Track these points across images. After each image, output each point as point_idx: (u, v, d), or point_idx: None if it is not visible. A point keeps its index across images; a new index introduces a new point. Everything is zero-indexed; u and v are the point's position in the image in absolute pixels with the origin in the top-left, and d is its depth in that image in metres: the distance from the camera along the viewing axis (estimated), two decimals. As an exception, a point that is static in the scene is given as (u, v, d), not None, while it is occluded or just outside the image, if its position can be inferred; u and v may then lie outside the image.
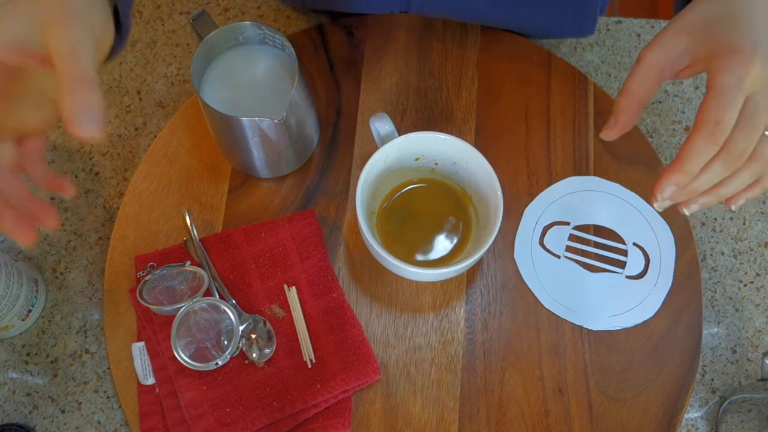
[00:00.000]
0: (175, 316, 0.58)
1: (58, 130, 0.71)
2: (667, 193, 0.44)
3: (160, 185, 0.66)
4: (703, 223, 0.67)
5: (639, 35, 0.74)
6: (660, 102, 0.71)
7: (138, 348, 0.60)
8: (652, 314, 0.62)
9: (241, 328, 0.59)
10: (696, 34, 0.44)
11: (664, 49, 0.45)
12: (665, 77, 0.45)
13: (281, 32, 0.58)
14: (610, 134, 0.47)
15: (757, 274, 0.65)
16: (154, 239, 0.64)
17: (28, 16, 0.37)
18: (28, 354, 0.63)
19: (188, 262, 0.62)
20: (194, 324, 0.58)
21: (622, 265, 0.64)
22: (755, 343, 0.64)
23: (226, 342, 0.58)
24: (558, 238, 0.64)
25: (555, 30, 0.72)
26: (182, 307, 0.58)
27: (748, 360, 0.63)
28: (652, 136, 0.70)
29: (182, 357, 0.57)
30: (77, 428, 0.61)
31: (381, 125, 0.59)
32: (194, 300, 0.58)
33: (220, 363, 0.57)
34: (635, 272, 0.63)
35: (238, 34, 0.60)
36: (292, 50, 0.58)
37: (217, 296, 0.61)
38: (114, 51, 0.43)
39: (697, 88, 0.72)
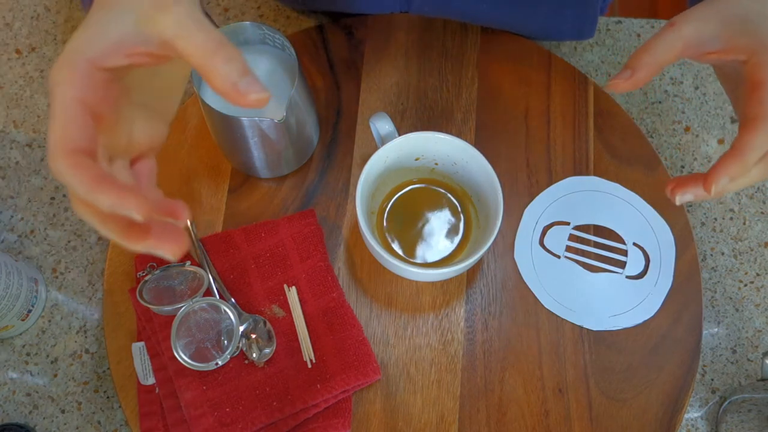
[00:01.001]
0: (175, 316, 0.57)
1: (58, 130, 0.71)
2: (722, 184, 0.42)
3: (160, 185, 0.66)
4: (703, 223, 0.67)
5: (639, 35, 0.74)
6: (660, 102, 0.71)
7: (138, 348, 0.60)
8: (652, 314, 0.62)
9: (242, 328, 0.59)
10: (732, 25, 0.42)
11: (698, 25, 0.43)
12: (688, 53, 0.44)
13: (281, 32, 0.58)
14: (621, 86, 0.44)
15: (757, 274, 0.65)
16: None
17: (125, 14, 0.36)
18: (28, 354, 0.63)
19: (188, 263, 0.62)
20: (194, 324, 0.58)
21: (622, 265, 0.64)
22: (755, 343, 0.64)
23: (226, 342, 0.58)
24: (558, 238, 0.64)
25: (554, 32, 0.72)
26: (182, 307, 0.57)
27: (748, 360, 0.63)
28: (652, 136, 0.70)
29: (182, 357, 0.56)
30: (77, 428, 0.61)
31: (381, 125, 0.59)
32: (194, 300, 0.58)
33: (220, 363, 0.57)
34: (635, 272, 0.63)
35: (238, 34, 0.60)
36: (292, 50, 0.58)
37: (217, 296, 0.61)
38: None
39: (697, 88, 0.72)
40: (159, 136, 0.40)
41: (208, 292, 0.60)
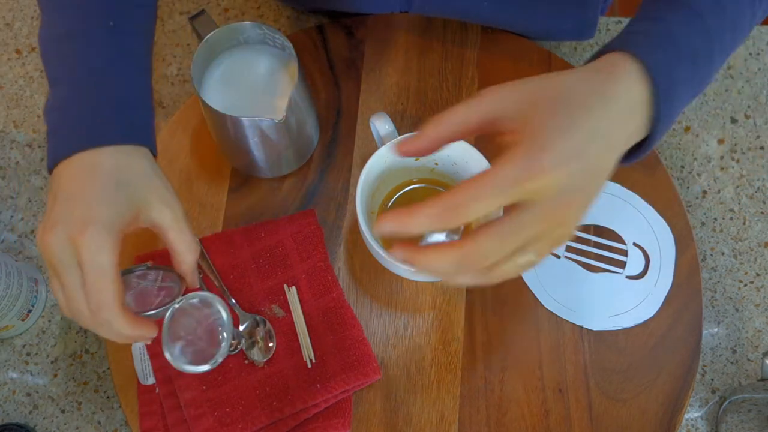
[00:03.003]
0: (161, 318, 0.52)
1: (58, 130, 0.71)
2: (384, 230, 0.38)
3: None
4: (703, 223, 0.67)
5: (639, 35, 0.74)
6: (660, 102, 0.71)
7: (138, 348, 0.60)
8: (652, 314, 0.62)
9: (241, 327, 0.60)
10: (536, 108, 0.38)
11: (501, 102, 0.39)
12: (486, 130, 0.40)
13: (281, 32, 0.58)
14: (409, 152, 0.41)
15: (757, 274, 0.65)
16: (154, 239, 0.64)
17: (140, 196, 0.46)
18: (28, 354, 0.63)
19: (148, 263, 0.53)
20: (185, 323, 0.53)
21: (622, 265, 0.64)
22: (755, 343, 0.64)
23: (222, 337, 0.52)
24: (558, 238, 0.64)
25: (555, 33, 0.72)
26: (165, 308, 0.51)
27: (748, 360, 0.63)
28: (652, 136, 0.70)
29: (176, 362, 0.51)
30: (77, 428, 0.61)
31: (381, 125, 0.59)
32: (182, 299, 0.52)
33: (219, 360, 0.52)
34: (635, 272, 0.63)
35: (238, 34, 0.60)
36: (292, 50, 0.58)
37: (206, 290, 0.60)
38: None
39: (697, 88, 0.72)
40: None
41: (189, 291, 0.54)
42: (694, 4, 0.44)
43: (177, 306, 0.51)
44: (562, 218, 0.38)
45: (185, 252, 0.48)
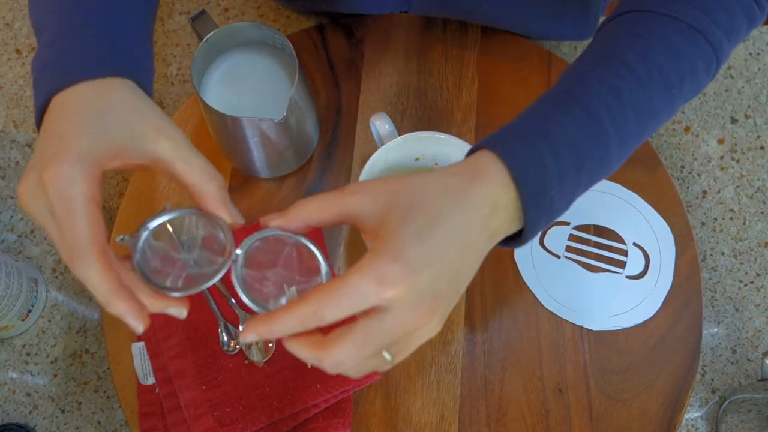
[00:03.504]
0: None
1: (58, 130, 0.71)
2: (249, 339, 0.38)
3: (160, 185, 0.66)
4: (703, 223, 0.67)
5: (639, 35, 0.74)
6: (660, 102, 0.71)
7: (138, 348, 0.60)
8: (652, 314, 0.62)
9: (241, 327, 0.59)
10: (392, 214, 0.38)
11: (362, 202, 0.39)
12: (349, 223, 0.40)
13: (281, 32, 0.58)
14: (269, 224, 0.40)
15: (757, 274, 0.65)
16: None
17: (123, 127, 0.40)
18: (28, 354, 0.63)
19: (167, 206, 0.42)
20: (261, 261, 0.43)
21: (622, 265, 0.64)
22: (755, 343, 0.64)
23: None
24: (558, 238, 0.64)
25: (555, 33, 0.72)
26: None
27: (748, 360, 0.63)
28: (652, 136, 0.70)
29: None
30: (77, 428, 0.61)
31: (381, 125, 0.59)
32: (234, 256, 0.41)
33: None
34: (635, 272, 0.63)
35: (238, 34, 0.60)
36: (292, 50, 0.58)
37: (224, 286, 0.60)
38: None
39: (697, 88, 0.72)
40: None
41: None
42: (584, 96, 0.43)
43: (239, 256, 0.40)
44: (419, 323, 0.38)
45: (202, 182, 0.40)
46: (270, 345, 0.60)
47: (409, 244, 0.37)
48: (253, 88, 0.61)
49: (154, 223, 0.39)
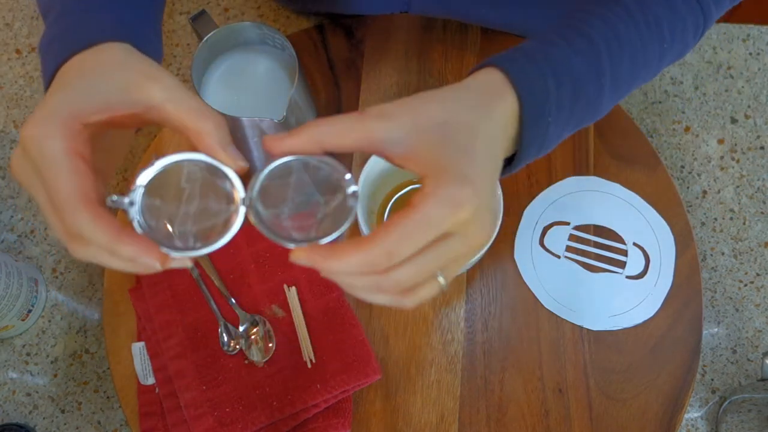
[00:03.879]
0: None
1: (58, 130, 0.71)
2: (301, 262, 0.36)
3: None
4: (703, 223, 0.67)
5: (639, 35, 0.74)
6: (660, 102, 0.71)
7: (138, 348, 0.60)
8: (652, 314, 0.62)
9: (241, 327, 0.60)
10: (423, 134, 0.37)
11: (386, 126, 0.37)
12: (370, 150, 0.38)
13: (281, 32, 0.58)
14: (272, 147, 0.37)
15: (757, 274, 0.65)
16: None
17: (109, 80, 0.37)
18: (28, 354, 0.63)
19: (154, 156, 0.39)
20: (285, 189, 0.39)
21: (622, 265, 0.64)
22: (755, 343, 0.64)
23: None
24: (558, 238, 0.64)
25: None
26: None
27: (748, 360, 0.63)
28: (652, 136, 0.70)
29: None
30: (77, 428, 0.61)
31: (381, 125, 0.59)
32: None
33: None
34: (635, 272, 0.63)
35: (238, 35, 0.60)
36: (292, 50, 0.58)
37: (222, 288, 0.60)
38: None
39: (697, 88, 0.72)
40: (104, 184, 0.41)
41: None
42: (587, 31, 0.43)
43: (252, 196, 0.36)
44: (479, 242, 0.38)
45: (196, 121, 0.37)
46: (270, 345, 0.60)
47: (466, 163, 0.36)
48: (253, 88, 0.61)
49: (146, 178, 0.35)
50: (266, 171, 0.37)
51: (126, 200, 0.35)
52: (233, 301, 0.61)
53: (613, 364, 0.60)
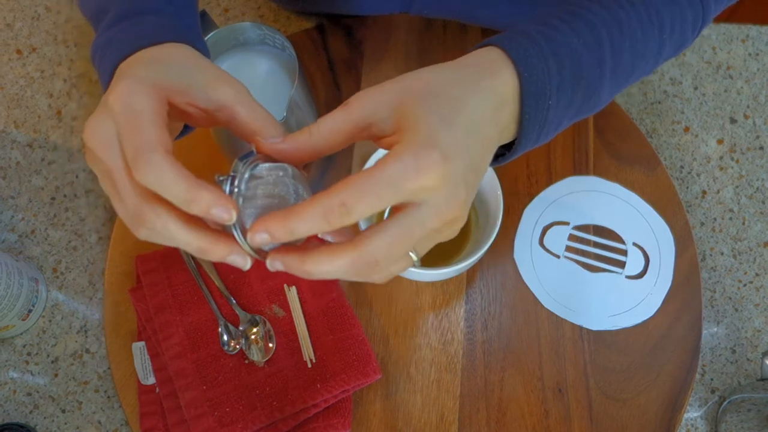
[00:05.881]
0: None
1: (59, 130, 0.71)
2: (258, 240, 0.34)
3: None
4: (702, 223, 0.67)
5: (639, 35, 0.74)
6: (659, 102, 0.72)
7: (138, 348, 0.60)
8: (652, 314, 0.62)
9: (241, 327, 0.60)
10: (405, 103, 0.36)
11: (371, 106, 0.37)
12: (363, 136, 0.38)
13: (281, 32, 0.58)
14: (265, 147, 0.38)
15: (757, 274, 0.65)
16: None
17: (185, 73, 0.39)
18: (28, 354, 0.63)
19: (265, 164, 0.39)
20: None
21: (621, 265, 0.64)
22: (754, 343, 0.64)
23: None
24: (558, 238, 0.64)
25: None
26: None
27: (748, 360, 0.63)
28: (651, 136, 0.70)
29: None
30: (77, 428, 0.61)
31: (381, 125, 0.59)
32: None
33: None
34: (635, 272, 0.63)
35: (238, 35, 0.60)
36: (292, 50, 0.58)
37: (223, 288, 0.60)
38: None
39: (696, 88, 0.72)
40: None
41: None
42: (588, 16, 0.43)
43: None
44: (451, 216, 0.36)
45: (264, 128, 0.39)
46: (270, 345, 0.60)
47: (441, 130, 0.35)
48: (253, 88, 0.61)
49: (256, 169, 0.36)
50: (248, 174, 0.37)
51: (230, 179, 0.36)
52: (233, 301, 0.61)
53: (613, 364, 0.61)
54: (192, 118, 0.40)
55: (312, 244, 0.38)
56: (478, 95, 0.38)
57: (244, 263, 0.37)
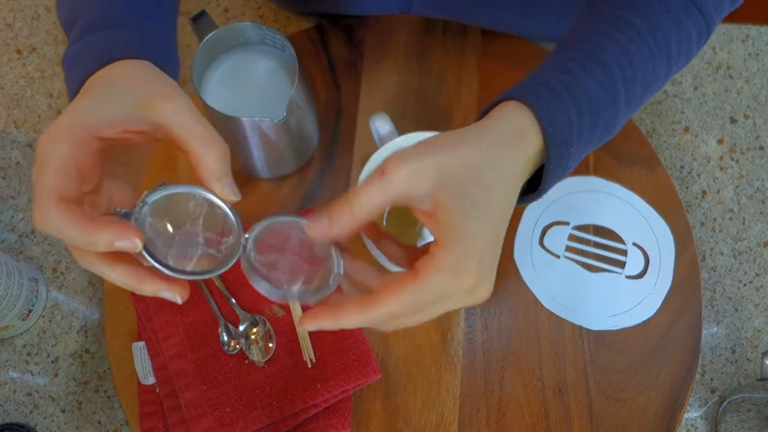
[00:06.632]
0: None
1: (59, 130, 0.71)
2: (311, 329, 0.38)
3: (161, 185, 0.66)
4: (702, 223, 0.67)
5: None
6: (659, 102, 0.72)
7: (138, 348, 0.60)
8: (652, 314, 0.62)
9: (241, 327, 0.60)
10: (447, 187, 0.37)
11: (411, 181, 0.37)
12: (400, 204, 0.39)
13: (281, 32, 0.58)
14: (316, 233, 0.38)
15: (757, 274, 0.65)
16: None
17: (126, 95, 0.38)
18: (28, 354, 0.63)
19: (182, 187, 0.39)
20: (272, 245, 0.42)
21: (621, 265, 0.64)
22: (754, 343, 0.64)
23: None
24: (558, 238, 0.64)
25: (555, 34, 0.72)
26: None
27: (748, 360, 0.63)
28: (651, 136, 0.70)
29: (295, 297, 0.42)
30: (77, 428, 0.61)
31: (381, 125, 0.59)
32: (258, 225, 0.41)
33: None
34: (635, 272, 0.63)
35: (238, 35, 0.60)
36: (292, 50, 0.58)
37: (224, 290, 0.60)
38: None
39: (696, 88, 0.72)
40: (129, 198, 0.41)
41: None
42: (602, 56, 0.44)
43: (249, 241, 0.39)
44: (478, 298, 0.39)
45: (199, 149, 0.37)
46: (270, 345, 0.60)
47: (476, 230, 0.37)
48: (253, 88, 0.61)
49: (153, 197, 0.37)
50: (261, 225, 0.39)
51: (130, 213, 0.36)
52: (233, 301, 0.61)
53: (613, 363, 0.61)
54: (134, 141, 0.39)
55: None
56: (510, 165, 0.39)
57: (174, 298, 0.38)
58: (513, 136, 0.40)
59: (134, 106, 0.38)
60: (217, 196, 0.38)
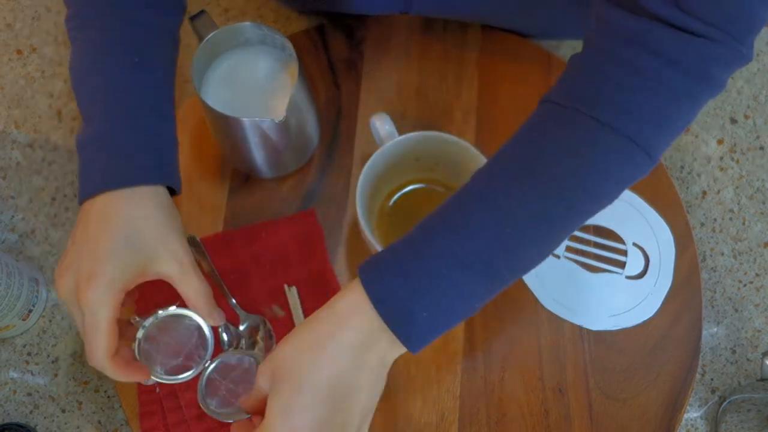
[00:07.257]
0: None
1: (59, 130, 0.71)
2: None
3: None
4: (702, 224, 0.67)
5: (639, 35, 0.74)
6: (660, 102, 0.72)
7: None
8: (652, 314, 0.62)
9: (241, 327, 0.60)
10: (272, 383, 0.43)
11: (263, 378, 0.44)
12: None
13: (281, 32, 0.58)
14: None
15: (757, 275, 0.65)
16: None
17: (140, 251, 0.48)
18: (28, 354, 0.64)
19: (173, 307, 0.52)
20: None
21: (621, 265, 0.64)
22: (755, 343, 0.64)
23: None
24: (558, 238, 0.64)
25: (557, 32, 0.72)
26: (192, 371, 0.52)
27: (748, 360, 0.63)
28: (651, 137, 0.70)
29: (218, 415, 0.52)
30: (78, 428, 0.61)
31: (381, 125, 0.59)
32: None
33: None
34: (635, 272, 0.63)
35: (238, 35, 0.60)
36: (293, 50, 0.58)
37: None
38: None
39: (696, 88, 0.72)
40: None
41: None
42: (463, 221, 0.44)
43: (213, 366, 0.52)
44: None
45: (196, 299, 0.50)
46: (271, 345, 0.60)
47: (278, 424, 0.41)
48: (253, 88, 0.61)
49: (163, 314, 0.51)
50: (213, 366, 0.52)
51: (140, 322, 0.51)
52: (233, 301, 0.61)
53: (613, 364, 0.61)
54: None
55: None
56: (332, 356, 0.42)
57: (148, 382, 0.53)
58: (334, 318, 0.43)
59: (153, 262, 0.48)
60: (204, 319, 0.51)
